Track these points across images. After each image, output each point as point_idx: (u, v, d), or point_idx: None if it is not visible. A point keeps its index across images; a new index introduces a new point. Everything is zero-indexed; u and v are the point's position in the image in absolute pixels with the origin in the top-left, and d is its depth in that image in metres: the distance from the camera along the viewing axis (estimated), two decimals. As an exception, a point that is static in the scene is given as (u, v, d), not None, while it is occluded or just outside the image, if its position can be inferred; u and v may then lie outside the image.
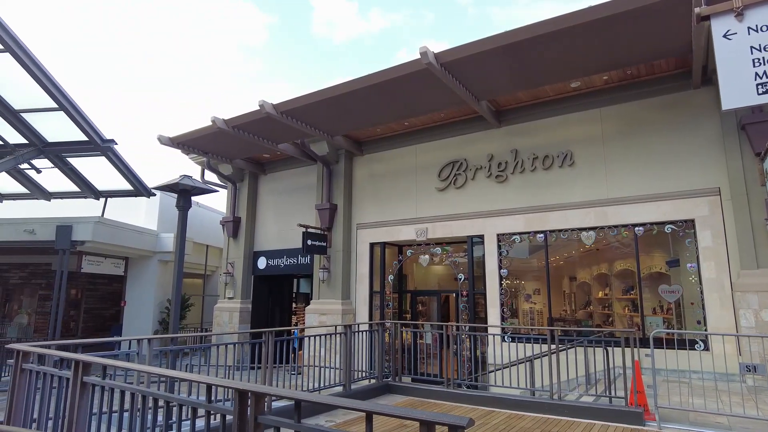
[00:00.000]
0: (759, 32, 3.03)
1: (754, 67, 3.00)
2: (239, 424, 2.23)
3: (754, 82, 2.98)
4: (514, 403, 6.80)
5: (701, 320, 9.35)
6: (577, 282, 15.39)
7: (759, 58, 2.99)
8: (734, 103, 3.05)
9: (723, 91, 3.06)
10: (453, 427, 1.76)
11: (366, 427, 2.09)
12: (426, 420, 1.80)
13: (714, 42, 3.11)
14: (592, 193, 10.53)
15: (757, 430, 5.65)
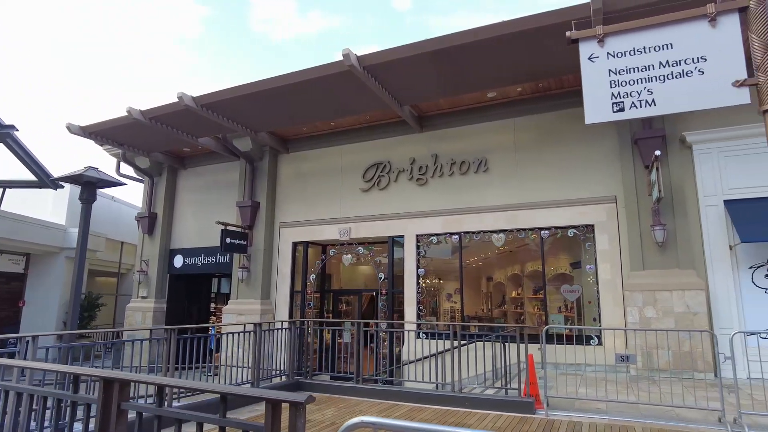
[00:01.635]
0: (616, 58, 3.41)
1: (611, 88, 3.37)
2: (103, 412, 2.20)
3: (611, 101, 3.35)
4: (420, 396, 7.07)
5: (597, 317, 10.16)
6: (493, 282, 16.13)
7: (615, 80, 3.37)
8: (595, 119, 3.40)
9: (586, 107, 3.41)
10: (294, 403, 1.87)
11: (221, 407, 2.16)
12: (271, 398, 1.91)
13: (581, 63, 3.46)
14: (504, 197, 11.12)
15: (627, 411, 6.26)
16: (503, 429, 5.55)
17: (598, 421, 5.92)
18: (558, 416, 6.14)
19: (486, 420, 5.94)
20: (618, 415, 6.24)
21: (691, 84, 3.20)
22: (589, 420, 5.95)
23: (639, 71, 3.32)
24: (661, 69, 3.27)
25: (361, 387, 7.72)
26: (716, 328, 8.89)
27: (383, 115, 12.26)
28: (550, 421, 5.93)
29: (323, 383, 8.73)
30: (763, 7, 3.08)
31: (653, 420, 5.99)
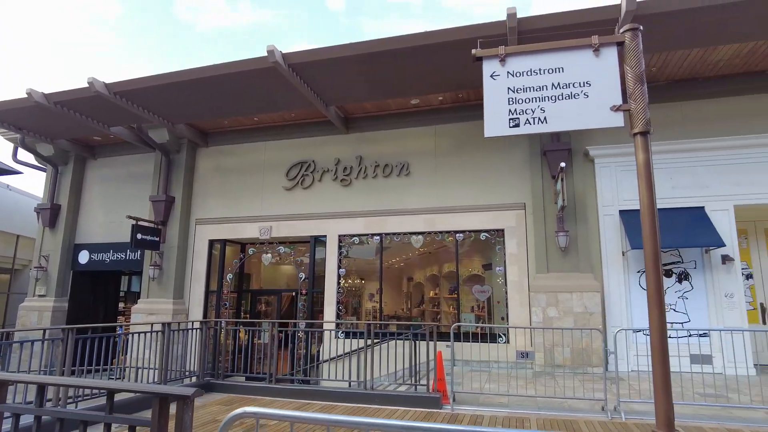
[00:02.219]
0: (514, 77, 3.70)
1: (508, 105, 3.65)
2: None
3: (508, 116, 3.63)
4: (333, 395, 7.15)
5: (505, 316, 10.78)
6: (413, 282, 16.59)
7: (512, 98, 3.65)
8: (492, 132, 3.67)
9: (486, 121, 3.66)
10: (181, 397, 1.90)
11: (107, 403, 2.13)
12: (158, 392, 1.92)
13: (484, 80, 3.71)
14: (424, 201, 11.50)
15: (526, 404, 6.74)
16: (410, 424, 5.77)
17: (499, 414, 6.32)
18: (462, 410, 6.48)
19: (394, 415, 6.15)
20: (518, 408, 6.69)
21: (577, 105, 3.54)
22: (490, 413, 6.33)
23: (534, 91, 3.62)
24: (553, 90, 3.59)
25: (275, 387, 7.67)
26: (609, 327, 9.75)
27: (309, 114, 12.23)
28: (455, 415, 6.24)
29: (236, 384, 8.56)
30: (635, 43, 3.50)
31: (548, 411, 6.49)
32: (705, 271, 9.78)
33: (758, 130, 9.88)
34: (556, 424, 5.81)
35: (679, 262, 9.96)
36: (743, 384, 8.16)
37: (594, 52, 3.61)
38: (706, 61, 9.69)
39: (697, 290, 9.79)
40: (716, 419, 6.07)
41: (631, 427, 5.67)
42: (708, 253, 9.76)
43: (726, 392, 7.53)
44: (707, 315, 9.64)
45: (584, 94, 3.57)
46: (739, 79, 10.18)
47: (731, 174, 9.91)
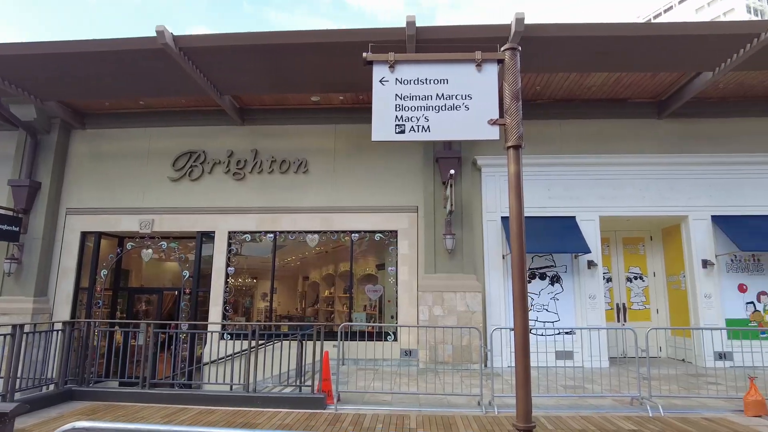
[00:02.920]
0: (402, 84, 3.78)
1: (395, 111, 3.72)
2: None
3: (394, 122, 3.70)
4: (212, 398, 6.81)
5: (394, 315, 11.05)
6: (309, 281, 16.42)
7: (399, 104, 3.73)
8: (380, 137, 3.72)
9: (373, 125, 3.70)
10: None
11: None
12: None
13: (373, 84, 3.74)
14: (321, 200, 11.41)
15: (409, 402, 6.96)
16: (291, 425, 5.68)
17: (381, 412, 6.44)
18: (346, 410, 6.51)
19: (275, 418, 6.01)
20: (400, 405, 6.87)
21: (459, 117, 3.70)
22: (373, 412, 6.43)
23: (420, 99, 3.72)
24: (437, 100, 3.72)
25: (150, 392, 7.13)
26: (489, 325, 10.40)
27: (201, 102, 11.57)
28: (338, 414, 6.26)
29: (107, 390, 7.82)
30: (514, 62, 3.73)
31: (428, 408, 6.74)
32: (574, 274, 10.82)
33: (620, 151, 11.14)
34: (434, 420, 6.05)
35: (553, 266, 10.91)
36: (598, 375, 9.13)
37: (477, 67, 3.80)
38: (582, 85, 10.72)
39: (567, 292, 10.79)
40: (574, 408, 6.70)
41: (502, 420, 6.08)
42: (577, 259, 10.80)
43: (583, 383, 8.39)
44: (574, 314, 10.67)
45: (465, 106, 3.74)
46: (607, 104, 11.40)
47: (598, 188, 11.06)
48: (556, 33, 8.23)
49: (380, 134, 3.73)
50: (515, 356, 3.43)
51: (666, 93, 10.99)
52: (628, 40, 8.47)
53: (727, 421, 5.98)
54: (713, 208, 10.86)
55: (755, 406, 6.30)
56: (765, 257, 10.79)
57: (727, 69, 9.11)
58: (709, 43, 8.57)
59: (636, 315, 11.86)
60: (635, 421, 5.89)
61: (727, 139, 11.18)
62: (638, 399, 6.79)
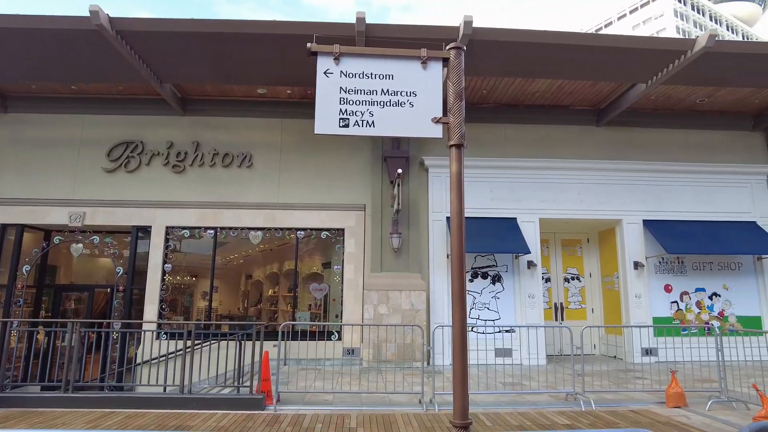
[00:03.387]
0: (348, 77, 3.70)
1: (339, 104, 3.65)
2: None
3: (338, 116, 3.63)
4: (145, 401, 6.46)
5: (339, 314, 10.95)
6: (252, 280, 16.01)
7: (344, 98, 3.65)
8: (322, 130, 3.63)
9: (317, 118, 3.61)
10: None
11: None
12: None
13: (317, 76, 3.65)
14: (265, 196, 11.12)
15: (351, 401, 6.90)
16: (227, 427, 5.47)
17: (322, 412, 6.34)
18: (285, 411, 6.36)
19: (210, 420, 5.77)
20: (342, 405, 6.78)
21: (403, 114, 3.67)
22: (313, 412, 6.32)
23: (365, 94, 3.66)
24: (382, 96, 3.67)
25: (73, 396, 6.66)
26: (432, 323, 10.49)
27: (140, 90, 10.99)
28: (276, 416, 6.10)
29: (25, 396, 7.24)
30: (458, 61, 3.75)
31: (370, 407, 6.69)
32: (514, 274, 11.12)
33: (561, 156, 11.57)
34: (375, 418, 6.01)
35: (494, 265, 11.17)
36: (536, 372, 9.44)
37: (422, 64, 3.78)
38: (527, 91, 11.04)
39: (507, 291, 11.08)
40: (512, 404, 6.86)
41: (442, 417, 6.13)
42: (517, 259, 11.11)
43: (522, 380, 8.63)
44: (514, 313, 10.97)
45: (410, 103, 3.72)
46: (550, 111, 11.80)
47: (539, 191, 11.43)
48: (502, 37, 8.42)
49: (324, 127, 3.65)
50: (453, 354, 3.44)
51: (604, 102, 11.51)
52: (570, 49, 8.79)
53: (650, 412, 6.31)
54: (645, 212, 11.49)
55: (675, 397, 6.70)
56: (688, 259, 11.52)
57: (659, 82, 9.65)
58: (644, 57, 9.05)
59: (573, 314, 12.36)
60: (569, 416, 6.10)
61: (658, 148, 11.87)
62: (573, 395, 7.05)
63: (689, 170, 11.71)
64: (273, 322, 12.16)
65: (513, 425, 5.68)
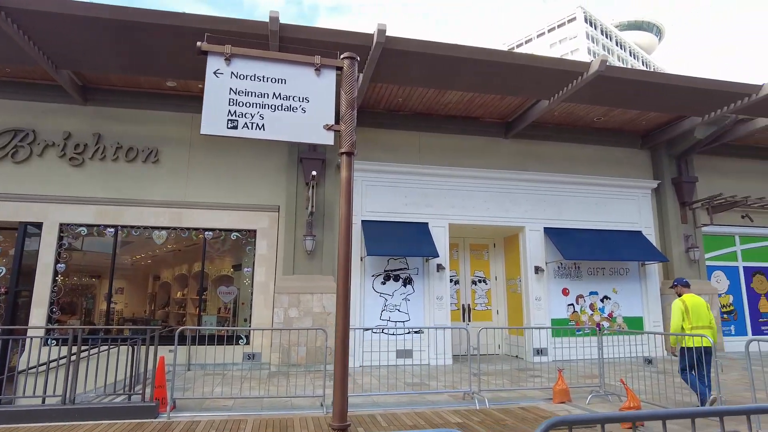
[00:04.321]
0: (238, 79, 3.66)
1: (228, 105, 3.60)
2: None
3: (227, 117, 3.57)
4: (17, 414, 5.93)
5: (248, 318, 10.71)
6: (160, 281, 15.23)
7: (234, 99, 3.61)
8: (209, 131, 3.56)
9: (204, 118, 3.54)
10: None
11: None
12: None
13: (206, 75, 3.57)
14: (172, 194, 10.64)
15: (251, 406, 6.78)
16: (110, 439, 5.18)
17: (218, 418, 6.17)
18: (180, 418, 6.13)
19: (95, 431, 5.43)
20: (241, 410, 6.65)
21: (295, 119, 3.69)
22: (209, 418, 6.14)
23: (256, 96, 3.64)
24: (274, 99, 3.67)
25: (-68, 411, 5.99)
26: (344, 326, 10.55)
27: (33, 74, 10.12)
28: (168, 423, 5.86)
29: None
30: (351, 71, 3.83)
31: (270, 411, 6.61)
32: (424, 277, 11.45)
33: (471, 165, 12.09)
34: (272, 423, 5.95)
35: (406, 268, 11.44)
36: (442, 372, 9.78)
37: (316, 71, 3.82)
38: (440, 102, 11.43)
39: (417, 293, 11.39)
40: (413, 405, 7.06)
41: (340, 419, 6.18)
42: (428, 262, 11.45)
43: (426, 380, 8.91)
44: (423, 314, 11.29)
45: (302, 109, 3.74)
46: (462, 121, 12.30)
47: (450, 197, 11.87)
48: (414, 48, 8.67)
49: (210, 128, 3.58)
50: (335, 358, 3.50)
51: (512, 115, 12.19)
52: (479, 63, 9.22)
53: (537, 408, 6.77)
54: (546, 220, 12.29)
55: (561, 393, 7.23)
56: (584, 265, 12.47)
57: (560, 99, 10.38)
58: (546, 76, 9.70)
59: (479, 315, 12.94)
60: (462, 414, 6.39)
61: (559, 161, 12.75)
62: (470, 394, 7.38)
63: (586, 182, 12.69)
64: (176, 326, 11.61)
65: (408, 425, 5.86)
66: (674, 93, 10.24)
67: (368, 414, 6.40)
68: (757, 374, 7.89)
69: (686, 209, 13.27)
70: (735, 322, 13.77)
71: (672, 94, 10.31)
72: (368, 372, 9.86)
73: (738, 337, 13.41)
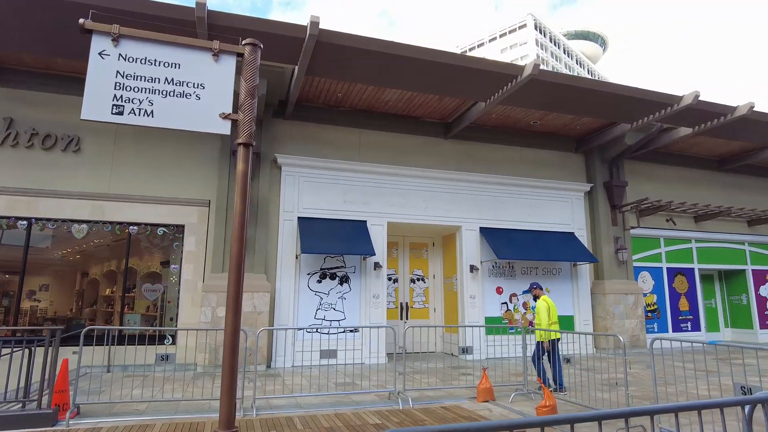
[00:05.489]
0: (126, 61, 3.40)
1: (114, 90, 3.33)
2: None
3: (111, 102, 3.30)
4: None
5: (174, 317, 10.25)
6: (88, 278, 14.39)
7: (120, 83, 3.34)
8: (90, 116, 3.29)
9: (85, 102, 3.27)
10: None
11: None
12: None
13: (90, 56, 3.29)
14: (94, 185, 10.04)
15: (166, 409, 6.45)
16: (-8, 450, 4.76)
17: (123, 423, 5.81)
18: (80, 425, 5.72)
19: (-24, 443, 4.99)
20: (153, 414, 6.30)
21: (188, 106, 3.46)
22: (113, 424, 5.77)
23: (145, 81, 3.39)
24: (165, 84, 3.43)
25: None
26: (277, 325, 10.30)
27: (-66, 52, 9.26)
28: (66, 431, 5.46)
29: None
30: (253, 58, 3.63)
31: (184, 415, 6.31)
32: (361, 275, 11.35)
33: (411, 164, 12.09)
34: (181, 426, 5.66)
35: (343, 266, 11.29)
36: (375, 371, 9.70)
37: (213, 56, 3.61)
38: (380, 99, 11.35)
39: (354, 291, 11.27)
40: (337, 405, 6.93)
41: (255, 423, 5.97)
42: (365, 260, 11.35)
43: (357, 380, 8.79)
44: (359, 313, 11.18)
45: (197, 95, 3.53)
46: (403, 120, 12.28)
47: (389, 196, 11.82)
48: (351, 43, 8.54)
49: (92, 113, 3.30)
50: (223, 362, 3.31)
51: (452, 116, 12.28)
52: (417, 62, 9.18)
53: (459, 408, 6.79)
54: (481, 220, 12.46)
55: (485, 392, 7.30)
56: (517, 264, 12.74)
57: (495, 102, 10.52)
58: (482, 78, 9.79)
59: (417, 313, 12.99)
60: (383, 415, 6.31)
61: (497, 163, 12.97)
62: (395, 393, 7.33)
63: (522, 184, 12.97)
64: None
65: (325, 427, 5.72)
66: (604, 99, 10.60)
67: (286, 416, 6.21)
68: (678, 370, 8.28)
69: (616, 212, 13.82)
70: (658, 320, 14.49)
71: (602, 101, 10.67)
72: (299, 372, 9.65)
73: (660, 334, 14.10)
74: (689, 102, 10.47)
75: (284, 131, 11.34)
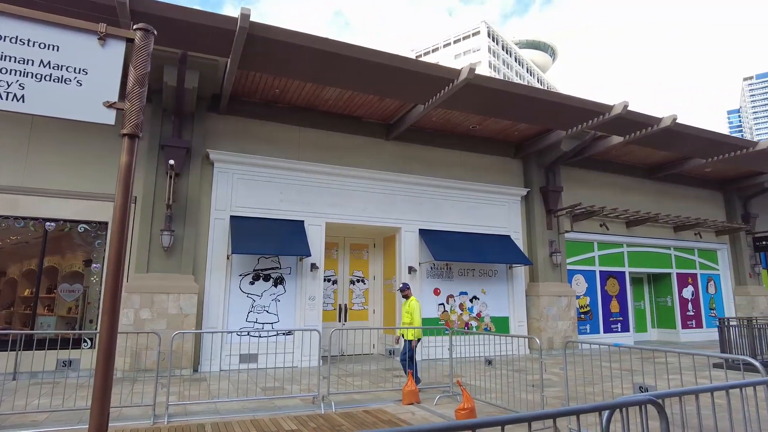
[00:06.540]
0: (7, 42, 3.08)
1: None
2: None
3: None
4: None
5: (94, 319, 9.68)
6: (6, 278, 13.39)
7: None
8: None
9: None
10: None
11: None
12: None
13: (-50, 32, 2.96)
14: (6, 177, 9.34)
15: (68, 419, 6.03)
16: None
17: (15, 435, 5.39)
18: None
19: None
20: (54, 425, 5.89)
21: (67, 92, 3.20)
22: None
23: (17, 62, 3.11)
24: (41, 68, 3.15)
25: None
26: (206, 328, 9.91)
27: None
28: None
29: None
30: (145, 44, 3.40)
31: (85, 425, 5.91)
32: (297, 276, 11.11)
33: (351, 164, 11.98)
34: (79, 439, 5.30)
35: (278, 267, 11.03)
36: (306, 374, 9.50)
37: (99, 40, 3.35)
38: (320, 97, 11.17)
39: (289, 293, 11.02)
40: (259, 411, 6.70)
41: (163, 430, 5.67)
42: (302, 261, 11.13)
43: (289, 384, 8.57)
44: (294, 315, 10.94)
45: (78, 81, 3.26)
46: (344, 119, 12.14)
47: (328, 196, 11.65)
48: (282, 37, 8.33)
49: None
50: (96, 366, 3.06)
51: (393, 118, 12.26)
52: (353, 61, 9.07)
53: (382, 411, 6.72)
54: (421, 222, 12.50)
55: (410, 395, 7.26)
56: (455, 266, 12.87)
57: (433, 105, 10.56)
58: (419, 80, 9.79)
59: (356, 315, 12.88)
60: (301, 421, 6.15)
61: (437, 165, 13.06)
62: (318, 397, 7.17)
63: (461, 187, 13.12)
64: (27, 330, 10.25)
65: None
66: (538, 106, 10.85)
67: (198, 423, 5.94)
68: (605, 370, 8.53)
69: (551, 216, 14.23)
70: (590, 322, 15.02)
71: (536, 107, 10.92)
72: (227, 377, 9.33)
73: (592, 336, 14.64)
74: (619, 111, 10.90)
75: (218, 126, 10.96)
